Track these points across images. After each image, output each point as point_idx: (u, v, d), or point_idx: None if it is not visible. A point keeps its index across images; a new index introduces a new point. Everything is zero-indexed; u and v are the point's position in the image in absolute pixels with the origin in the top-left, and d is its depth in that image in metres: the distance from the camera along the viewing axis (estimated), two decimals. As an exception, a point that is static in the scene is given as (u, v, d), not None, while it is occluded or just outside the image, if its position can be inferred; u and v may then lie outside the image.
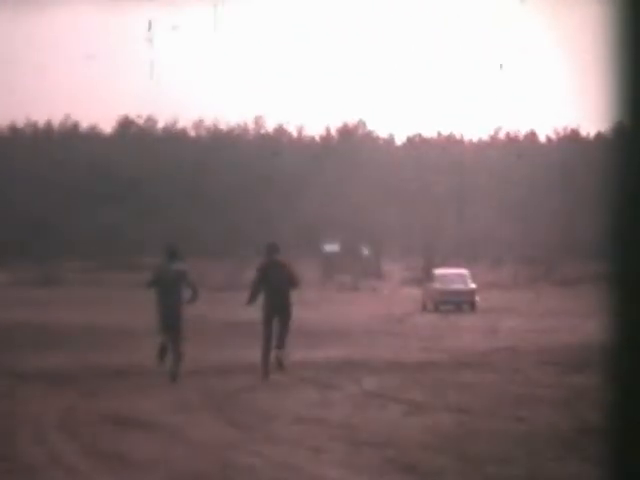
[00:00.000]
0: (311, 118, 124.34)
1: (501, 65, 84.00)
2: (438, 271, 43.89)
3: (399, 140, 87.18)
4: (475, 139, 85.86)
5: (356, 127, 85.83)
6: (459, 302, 40.24)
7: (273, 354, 17.43)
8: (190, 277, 17.45)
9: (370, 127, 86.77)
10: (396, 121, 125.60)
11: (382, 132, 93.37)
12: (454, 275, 42.13)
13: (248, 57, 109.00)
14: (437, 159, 78.64)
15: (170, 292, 17.10)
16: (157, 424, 12.66)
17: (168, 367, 17.12)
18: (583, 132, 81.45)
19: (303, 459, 10.41)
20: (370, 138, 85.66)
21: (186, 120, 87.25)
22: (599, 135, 76.45)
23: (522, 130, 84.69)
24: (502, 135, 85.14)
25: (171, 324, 17.15)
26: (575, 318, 32.86)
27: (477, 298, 40.54)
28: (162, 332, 17.33)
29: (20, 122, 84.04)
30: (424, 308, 41.19)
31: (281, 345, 17.36)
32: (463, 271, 43.32)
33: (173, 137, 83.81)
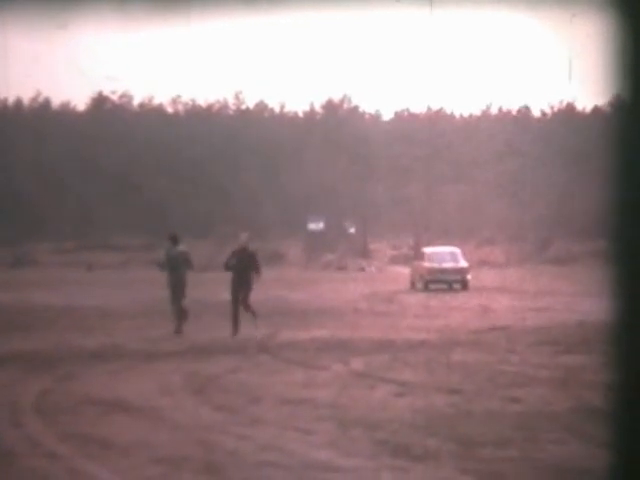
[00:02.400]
0: (295, 95, 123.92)
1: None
2: (428, 249, 43.83)
3: (387, 116, 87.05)
4: (466, 114, 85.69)
5: (341, 102, 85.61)
6: (450, 281, 40.21)
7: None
8: (190, 257, 22.14)
9: (356, 102, 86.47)
10: (384, 97, 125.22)
11: (368, 108, 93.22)
12: (445, 253, 42.06)
13: (230, 36, 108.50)
14: (426, 134, 78.54)
15: (176, 270, 21.68)
16: (138, 407, 12.64)
17: (175, 326, 21.53)
18: (579, 106, 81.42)
19: (290, 441, 10.41)
20: (356, 113, 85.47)
21: (163, 97, 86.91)
22: (596, 109, 76.38)
23: (515, 105, 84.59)
24: (494, 110, 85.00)
25: (178, 294, 21.67)
26: (569, 297, 32.95)
27: (469, 276, 40.51)
28: (173, 302, 21.78)
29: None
30: (413, 287, 41.19)
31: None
32: (455, 249, 43.25)
33: (149, 113, 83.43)
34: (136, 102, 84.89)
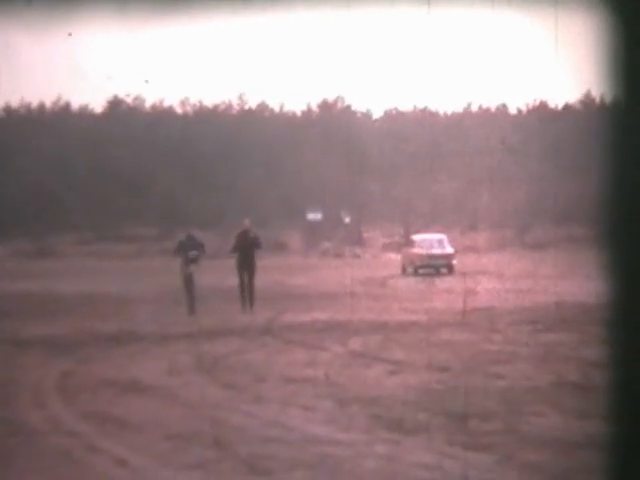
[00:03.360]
0: (293, 95, 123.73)
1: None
2: (417, 236, 43.81)
3: (376, 114, 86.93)
4: (449, 112, 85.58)
5: (335, 102, 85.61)
6: (438, 266, 40.18)
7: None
8: (204, 248, 23.31)
9: (348, 102, 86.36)
10: (374, 96, 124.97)
11: (360, 107, 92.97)
12: (433, 240, 42.07)
13: (230, 39, 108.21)
14: (413, 131, 78.48)
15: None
16: (152, 387, 12.55)
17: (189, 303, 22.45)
18: (551, 104, 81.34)
19: (292, 417, 10.33)
20: (349, 112, 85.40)
21: (173, 99, 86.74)
22: (567, 106, 76.75)
23: (493, 104, 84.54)
24: (475, 108, 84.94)
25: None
26: (547, 279, 32.86)
27: (455, 261, 40.49)
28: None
29: (14, 103, 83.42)
30: (404, 272, 41.12)
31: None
32: (441, 236, 43.25)
33: (161, 114, 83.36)
34: (148, 104, 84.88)
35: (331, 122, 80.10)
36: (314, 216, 68.45)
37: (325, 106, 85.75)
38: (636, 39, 4.06)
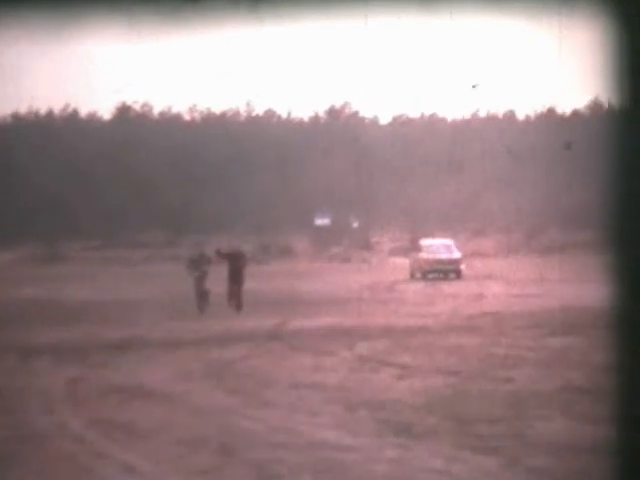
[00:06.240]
0: (300, 102, 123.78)
1: (474, 85, 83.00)
2: (425, 241, 43.71)
3: (384, 120, 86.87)
4: (457, 118, 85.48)
5: (342, 108, 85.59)
6: (446, 271, 40.10)
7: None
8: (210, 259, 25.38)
9: (356, 108, 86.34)
10: (382, 102, 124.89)
11: (367, 113, 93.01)
12: (440, 245, 42.00)
13: (239, 47, 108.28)
14: (421, 137, 78.44)
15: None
16: (160, 393, 12.52)
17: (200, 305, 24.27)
18: (562, 109, 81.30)
19: (300, 423, 10.28)
20: (356, 118, 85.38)
21: (181, 106, 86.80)
22: (575, 112, 76.77)
23: (500, 110, 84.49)
24: (482, 114, 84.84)
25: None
26: (554, 284, 32.78)
27: (462, 266, 40.40)
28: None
29: (22, 110, 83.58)
30: (412, 277, 41.05)
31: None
32: (448, 241, 43.16)
33: (169, 121, 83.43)
34: (156, 111, 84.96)
35: (339, 128, 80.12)
36: (322, 221, 68.43)
37: (332, 112, 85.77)
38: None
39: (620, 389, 5.56)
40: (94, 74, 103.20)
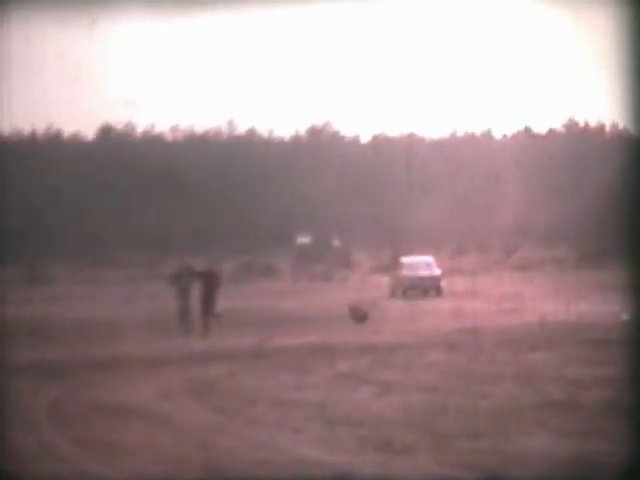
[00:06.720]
0: (280, 122, 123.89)
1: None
2: (405, 259, 43.79)
3: (364, 139, 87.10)
4: (436, 137, 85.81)
5: (323, 128, 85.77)
6: (426, 287, 40.20)
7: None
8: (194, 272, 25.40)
9: (336, 128, 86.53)
10: (361, 121, 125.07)
11: (348, 132, 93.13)
12: (420, 262, 42.07)
13: (220, 66, 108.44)
14: (400, 156, 78.65)
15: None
16: (143, 412, 12.53)
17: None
18: (535, 129, 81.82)
19: (282, 440, 10.33)
20: (337, 137, 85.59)
21: (162, 125, 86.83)
22: (551, 131, 77.67)
23: (478, 129, 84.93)
24: (460, 134, 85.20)
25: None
26: (531, 300, 32.89)
27: (442, 283, 40.50)
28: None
29: (6, 131, 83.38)
30: (393, 294, 41.11)
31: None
32: (428, 258, 43.24)
33: (151, 140, 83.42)
34: (139, 131, 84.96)
35: (319, 147, 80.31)
36: (303, 240, 68.47)
37: (313, 131, 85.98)
38: None
39: (600, 403, 5.63)
40: (77, 91, 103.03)
